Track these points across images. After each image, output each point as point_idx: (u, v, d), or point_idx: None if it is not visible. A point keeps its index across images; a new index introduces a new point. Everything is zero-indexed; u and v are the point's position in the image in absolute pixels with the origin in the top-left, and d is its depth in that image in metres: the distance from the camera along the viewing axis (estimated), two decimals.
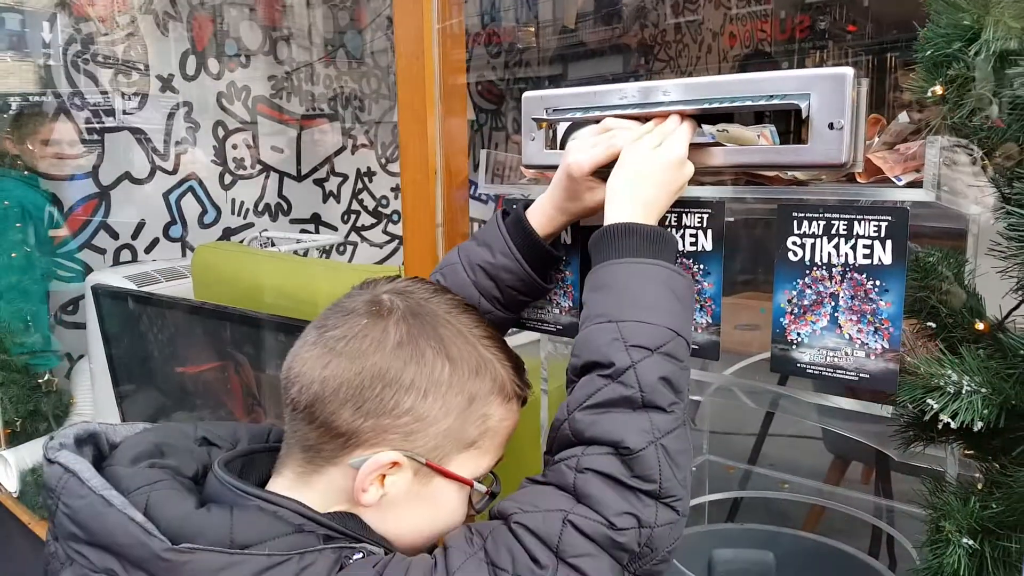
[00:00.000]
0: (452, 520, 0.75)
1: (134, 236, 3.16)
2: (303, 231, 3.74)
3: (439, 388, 0.70)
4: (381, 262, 4.11)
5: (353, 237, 4.01)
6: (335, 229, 3.91)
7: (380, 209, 4.13)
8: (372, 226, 4.10)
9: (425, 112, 1.14)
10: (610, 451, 0.68)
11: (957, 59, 0.70)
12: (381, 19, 3.97)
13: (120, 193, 3.10)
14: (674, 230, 0.88)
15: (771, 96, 0.79)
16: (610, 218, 0.81)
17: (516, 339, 1.05)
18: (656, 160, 0.82)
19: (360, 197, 4.03)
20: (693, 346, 0.81)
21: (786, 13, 5.37)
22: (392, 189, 4.17)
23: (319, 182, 3.84)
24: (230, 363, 1.95)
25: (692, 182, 0.88)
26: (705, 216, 0.86)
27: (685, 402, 0.72)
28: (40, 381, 2.71)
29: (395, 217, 4.19)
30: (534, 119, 0.99)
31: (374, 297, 0.74)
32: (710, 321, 0.87)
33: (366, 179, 4.05)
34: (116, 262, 3.07)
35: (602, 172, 0.84)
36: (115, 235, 3.10)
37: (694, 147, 0.86)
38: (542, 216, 0.93)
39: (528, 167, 1.05)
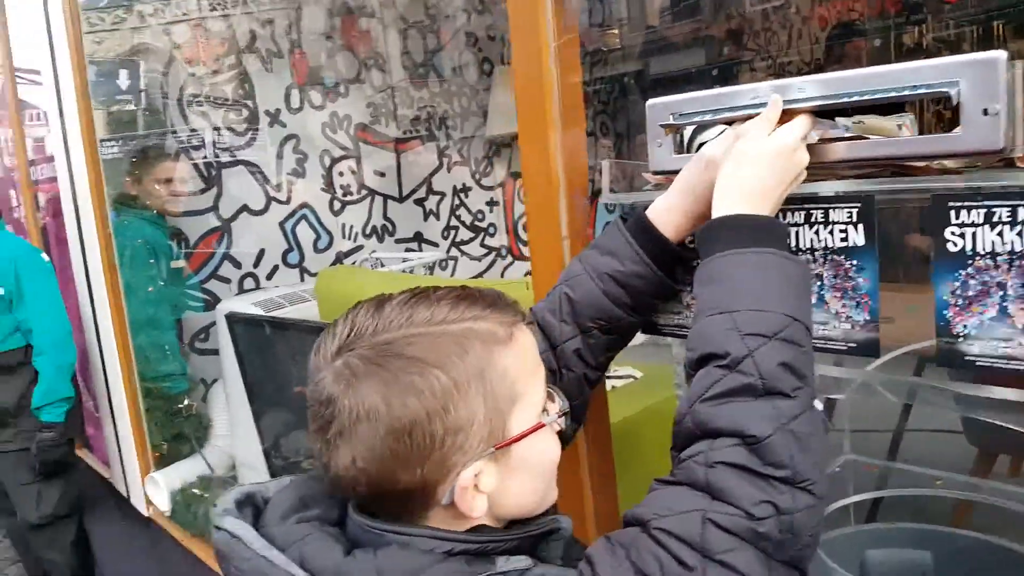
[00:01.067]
0: (553, 457, 0.76)
1: (255, 264, 3.32)
2: (408, 250, 3.84)
3: (451, 396, 0.67)
4: (480, 275, 4.18)
5: (453, 252, 4.09)
6: (436, 246, 4.00)
7: (477, 223, 4.20)
8: (470, 240, 4.17)
9: (546, 129, 1.15)
10: (737, 442, 0.67)
11: None
12: (460, 35, 4.03)
13: (240, 224, 3.26)
14: (821, 227, 0.87)
15: (915, 87, 0.77)
16: (717, 211, 0.80)
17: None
18: (764, 147, 0.81)
19: (458, 213, 4.11)
20: (851, 344, 0.80)
21: None
22: (487, 203, 4.24)
23: (419, 202, 3.94)
24: None
25: (835, 177, 0.87)
26: (855, 210, 0.84)
27: (811, 386, 0.70)
28: (180, 406, 2.89)
29: (491, 230, 4.25)
30: (661, 125, 0.99)
31: (335, 374, 0.70)
32: (868, 318, 0.85)
33: (462, 195, 4.12)
34: (241, 290, 3.23)
35: None
36: (238, 265, 3.26)
37: (831, 141, 0.85)
38: (667, 225, 0.93)
39: (657, 173, 1.05)
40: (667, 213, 0.94)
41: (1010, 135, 0.72)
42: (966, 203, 0.77)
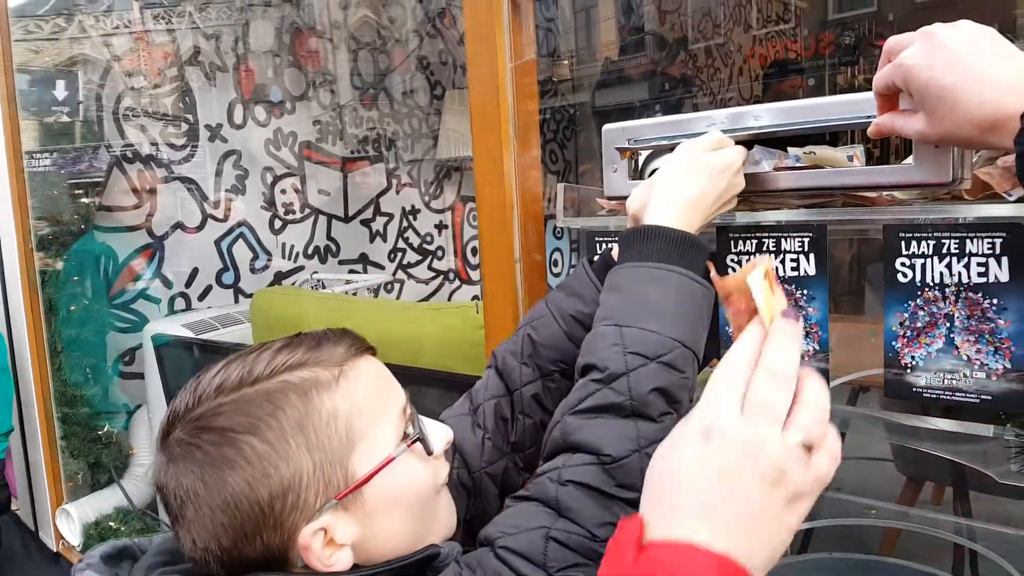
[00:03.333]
0: (421, 488, 0.71)
1: (187, 284, 3.21)
2: (352, 271, 3.78)
3: (269, 459, 0.63)
4: (427, 298, 4.14)
5: (400, 275, 4.04)
6: (382, 268, 3.95)
7: (425, 246, 4.16)
8: (418, 263, 4.13)
9: (501, 151, 1.15)
10: (593, 459, 0.67)
11: None
12: (415, 58, 4.04)
13: (173, 242, 3.15)
14: (773, 255, 0.88)
15: (870, 116, 0.79)
16: (649, 215, 0.80)
17: None
18: (705, 161, 0.82)
19: (406, 235, 4.07)
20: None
21: (810, 31, 5.39)
22: (436, 226, 4.21)
23: (366, 222, 3.89)
24: None
25: (787, 206, 0.88)
26: (806, 240, 0.85)
27: (681, 412, 0.70)
28: (100, 433, 2.75)
29: (440, 253, 4.23)
30: (617, 148, 1.00)
31: (160, 461, 0.68)
32: (817, 348, 0.86)
33: (411, 217, 4.09)
34: (171, 311, 3.11)
35: None
36: (169, 284, 3.14)
37: (784, 170, 0.86)
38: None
39: (611, 198, 1.05)
40: None
41: (958, 168, 0.74)
42: (916, 234, 0.78)
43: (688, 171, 0.82)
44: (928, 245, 0.77)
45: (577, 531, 0.65)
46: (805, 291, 0.86)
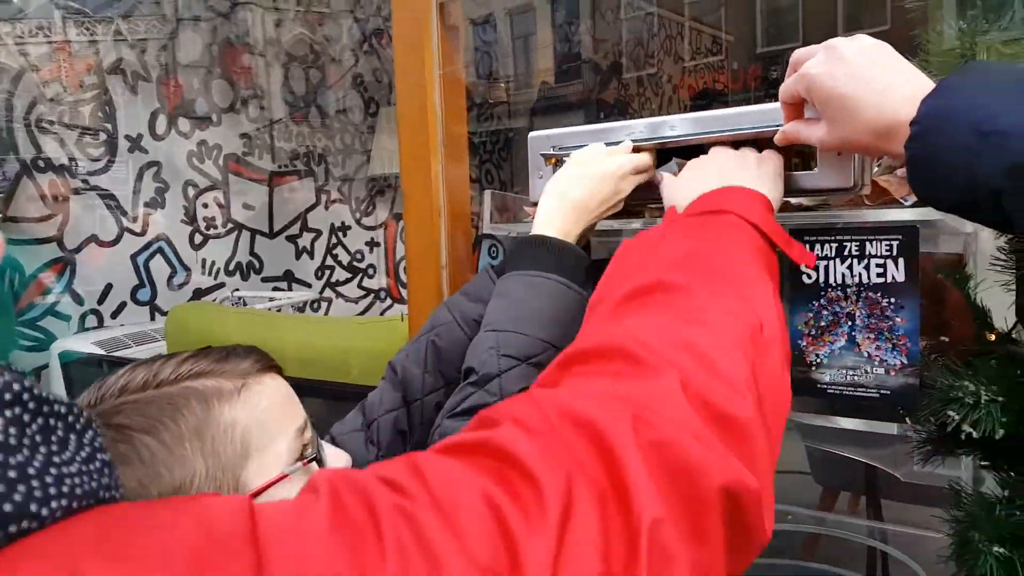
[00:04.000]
0: None
1: (100, 301, 3.09)
2: (276, 289, 3.71)
3: (162, 460, 0.63)
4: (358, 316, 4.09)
5: (328, 293, 3.99)
6: (309, 286, 3.89)
7: (355, 264, 4.12)
8: (347, 281, 4.08)
9: (429, 158, 1.15)
10: None
11: None
12: (350, 76, 4.03)
13: (86, 257, 3.04)
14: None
15: (779, 124, 0.83)
16: (535, 223, 0.85)
17: None
18: (590, 167, 0.87)
19: (335, 252, 4.02)
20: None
21: (738, 64, 5.61)
22: (367, 243, 4.18)
23: (292, 238, 3.83)
24: None
25: None
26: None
27: None
28: None
29: (371, 271, 4.19)
30: (542, 155, 1.02)
31: None
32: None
33: (340, 234, 4.05)
34: (82, 328, 2.99)
35: None
36: (80, 300, 3.02)
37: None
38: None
39: (536, 204, 1.07)
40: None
41: (859, 174, 0.79)
42: (820, 237, 0.82)
43: (575, 176, 0.86)
44: (831, 247, 0.82)
45: None
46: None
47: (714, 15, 5.67)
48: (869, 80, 0.65)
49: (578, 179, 0.86)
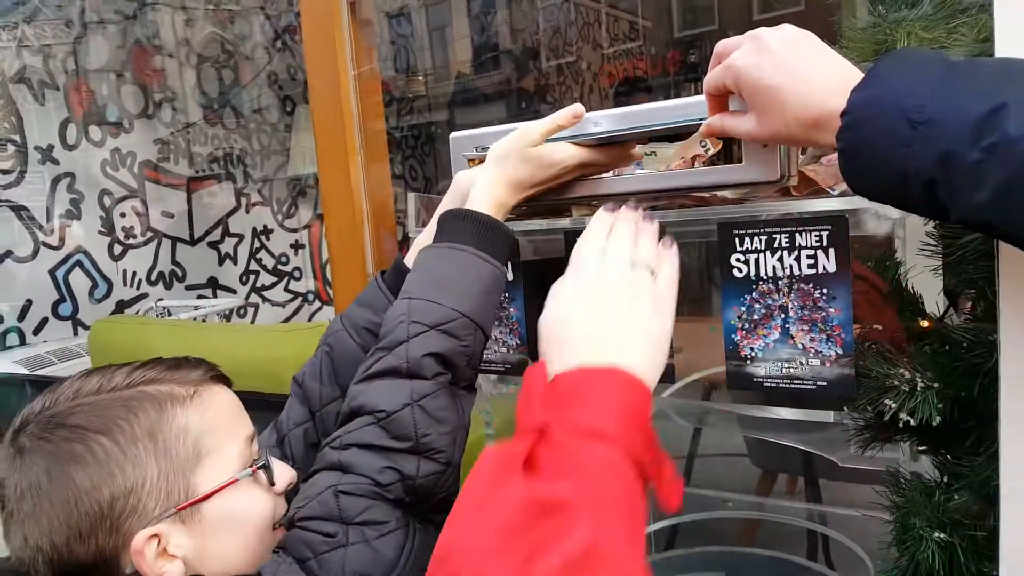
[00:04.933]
0: (261, 514, 0.74)
1: (20, 318, 2.96)
2: (200, 297, 3.59)
3: (116, 460, 0.66)
4: (286, 321, 3.98)
5: (254, 299, 3.87)
6: (234, 292, 3.77)
7: (280, 267, 4.01)
8: (273, 285, 3.97)
9: (347, 160, 1.10)
10: (371, 420, 0.72)
11: None
12: (265, 75, 3.91)
13: (2, 273, 2.92)
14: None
15: (702, 117, 0.81)
16: (473, 190, 0.85)
17: None
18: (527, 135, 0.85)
19: (258, 256, 3.91)
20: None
21: (656, 50, 5.67)
22: (291, 245, 4.07)
23: (214, 244, 3.70)
24: None
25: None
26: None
27: (463, 376, 0.77)
28: None
29: (297, 274, 4.08)
30: (465, 156, 0.98)
31: (6, 457, 0.69)
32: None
33: (263, 237, 3.93)
34: (3, 347, 2.89)
35: None
36: (0, 318, 2.91)
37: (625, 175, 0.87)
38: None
39: None
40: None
41: (786, 166, 0.77)
42: (749, 230, 0.81)
43: (513, 150, 0.85)
44: (761, 240, 0.80)
45: (362, 480, 0.70)
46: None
47: (630, 1, 5.70)
48: (796, 71, 0.64)
49: (514, 155, 0.85)
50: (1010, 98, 0.51)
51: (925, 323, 0.80)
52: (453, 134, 1.01)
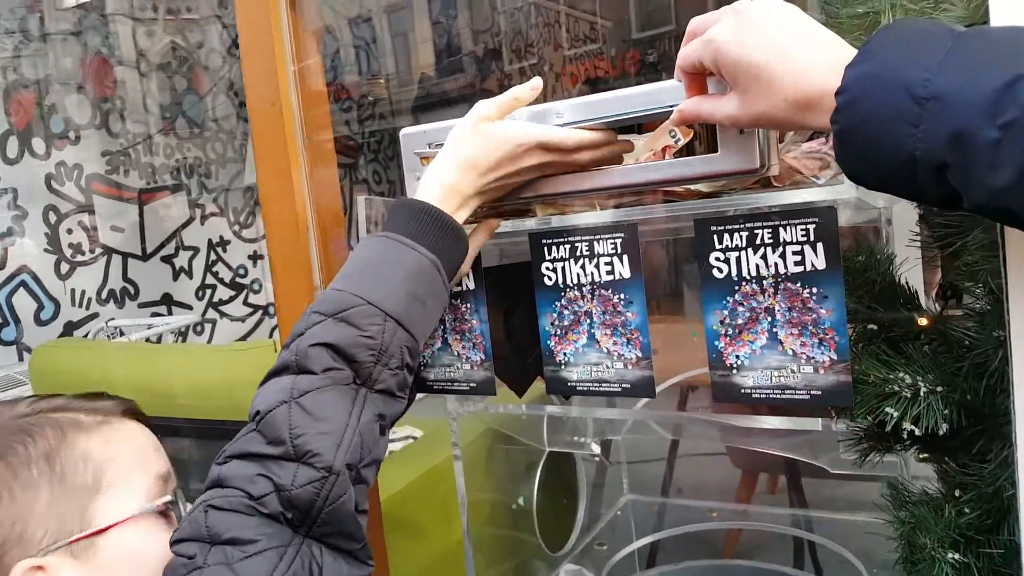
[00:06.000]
0: (159, 555, 0.67)
1: None
2: (154, 315, 3.45)
3: (6, 483, 0.64)
4: (245, 337, 3.85)
5: (211, 314, 3.74)
6: (190, 308, 3.64)
7: (238, 280, 3.88)
8: (231, 299, 3.85)
9: (288, 164, 1.01)
10: (251, 426, 0.68)
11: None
12: (223, 83, 3.79)
13: None
14: (587, 260, 0.81)
15: (671, 105, 0.74)
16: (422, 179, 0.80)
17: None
18: (483, 126, 0.79)
19: (215, 270, 3.78)
20: (625, 385, 0.80)
21: (616, 50, 5.65)
22: (250, 257, 3.94)
23: (167, 259, 3.57)
24: None
25: (594, 208, 0.82)
26: (619, 241, 0.79)
27: (375, 378, 0.70)
28: None
29: (256, 287, 3.96)
30: (416, 153, 0.90)
31: None
32: (640, 355, 0.80)
33: (219, 249, 3.80)
34: None
35: None
36: None
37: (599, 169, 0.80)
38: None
39: None
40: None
41: (765, 152, 0.70)
42: (728, 226, 0.74)
43: (468, 133, 0.79)
44: (741, 237, 0.73)
45: (233, 492, 0.64)
46: (622, 295, 0.80)
47: (590, 2, 5.69)
48: (783, 47, 0.57)
49: (470, 134, 0.78)
50: None
51: (924, 320, 0.74)
52: (404, 130, 0.93)
